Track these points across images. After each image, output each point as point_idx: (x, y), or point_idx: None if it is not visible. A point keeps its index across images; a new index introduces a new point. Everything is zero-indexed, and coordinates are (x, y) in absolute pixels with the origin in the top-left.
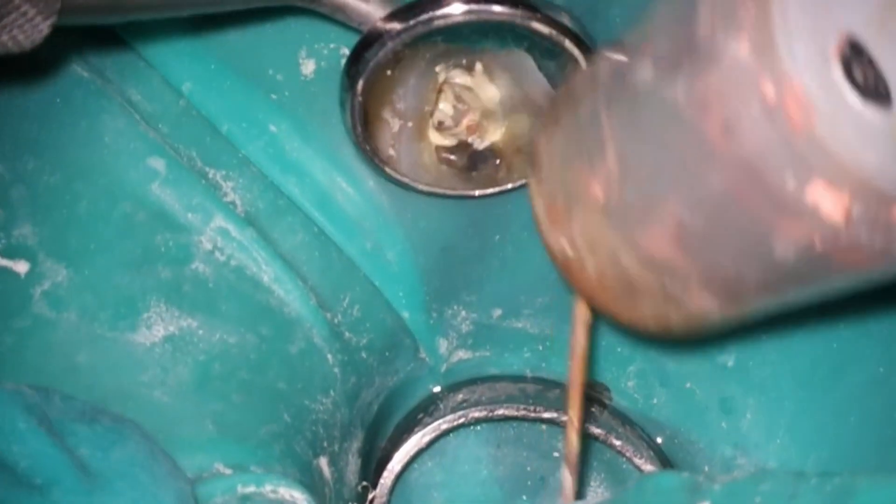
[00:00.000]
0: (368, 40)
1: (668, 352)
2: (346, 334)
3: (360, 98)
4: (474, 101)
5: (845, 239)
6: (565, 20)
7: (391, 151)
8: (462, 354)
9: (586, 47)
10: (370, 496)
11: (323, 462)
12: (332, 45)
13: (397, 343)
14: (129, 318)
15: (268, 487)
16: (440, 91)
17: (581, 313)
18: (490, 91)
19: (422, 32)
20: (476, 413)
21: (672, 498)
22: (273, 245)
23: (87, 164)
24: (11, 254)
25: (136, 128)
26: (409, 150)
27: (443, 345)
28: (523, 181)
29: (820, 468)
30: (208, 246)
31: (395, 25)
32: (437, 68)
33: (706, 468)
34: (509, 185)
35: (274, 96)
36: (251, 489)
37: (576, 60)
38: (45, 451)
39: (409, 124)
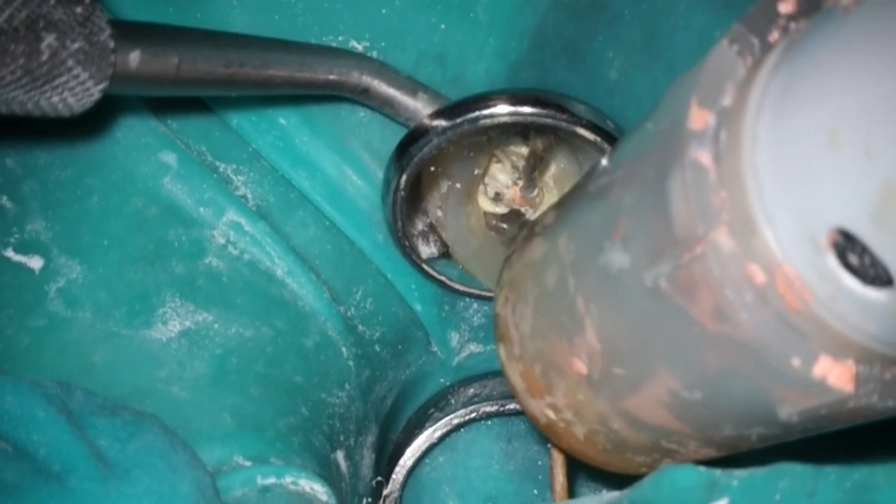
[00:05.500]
0: (415, 135)
1: None
2: (360, 327)
3: (402, 192)
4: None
5: (854, 402)
6: (609, 127)
7: (439, 213)
8: (473, 348)
9: None
10: (384, 492)
11: (340, 456)
12: (340, 38)
13: (409, 336)
14: (144, 315)
15: (288, 479)
16: (493, 156)
17: (557, 456)
18: (545, 162)
19: (467, 130)
20: (487, 408)
21: (690, 494)
22: (286, 239)
23: (99, 159)
24: (25, 249)
25: (146, 122)
26: (456, 212)
27: (454, 338)
28: None
29: None
30: (221, 240)
31: (442, 122)
32: (491, 133)
33: None
34: None
35: None
36: (271, 481)
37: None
38: (64, 440)
39: (458, 185)
